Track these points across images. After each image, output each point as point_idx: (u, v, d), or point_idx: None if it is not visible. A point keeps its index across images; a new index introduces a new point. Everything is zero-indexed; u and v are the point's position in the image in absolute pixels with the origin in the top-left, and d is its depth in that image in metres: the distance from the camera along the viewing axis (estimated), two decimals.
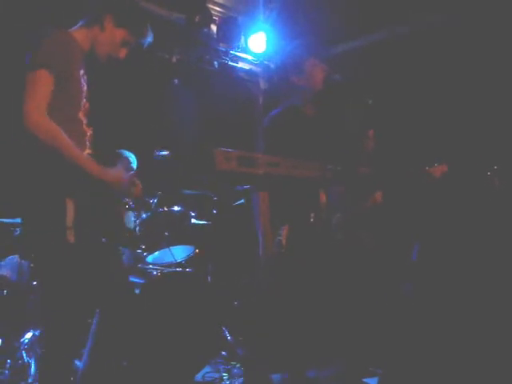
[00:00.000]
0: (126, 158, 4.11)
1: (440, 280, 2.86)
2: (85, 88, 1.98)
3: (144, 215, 3.60)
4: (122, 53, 2.09)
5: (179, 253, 3.60)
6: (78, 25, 2.05)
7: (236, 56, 4.79)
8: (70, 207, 1.77)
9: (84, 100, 1.98)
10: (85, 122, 1.97)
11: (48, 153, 1.77)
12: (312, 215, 2.52)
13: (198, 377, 3.13)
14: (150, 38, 2.14)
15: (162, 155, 3.00)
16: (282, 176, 2.05)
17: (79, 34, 2.00)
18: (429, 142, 3.71)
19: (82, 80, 1.97)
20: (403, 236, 3.17)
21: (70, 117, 1.90)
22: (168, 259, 3.51)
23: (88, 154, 1.97)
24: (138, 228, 3.59)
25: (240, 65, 4.91)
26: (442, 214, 3.16)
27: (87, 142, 1.98)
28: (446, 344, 2.59)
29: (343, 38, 4.70)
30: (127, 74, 3.61)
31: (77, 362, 2.73)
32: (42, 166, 1.81)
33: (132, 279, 3.18)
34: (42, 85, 1.78)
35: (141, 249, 3.57)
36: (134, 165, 4.17)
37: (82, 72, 1.97)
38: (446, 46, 3.89)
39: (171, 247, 3.51)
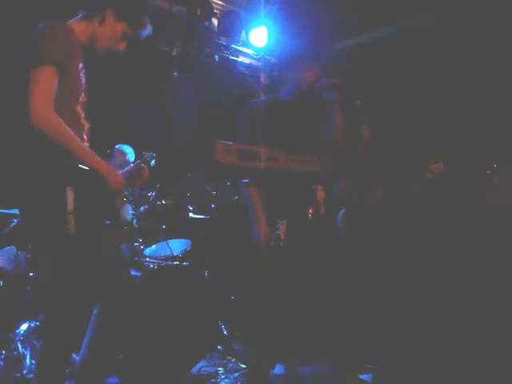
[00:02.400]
0: (124, 154, 4.12)
1: (437, 278, 2.87)
2: (83, 81, 1.97)
3: (142, 208, 3.60)
4: (122, 46, 2.08)
5: (176, 246, 3.60)
6: (77, 17, 2.04)
7: (237, 50, 4.78)
8: (70, 195, 1.76)
9: (82, 94, 1.97)
10: (83, 115, 1.97)
11: (48, 143, 1.76)
12: (310, 210, 2.52)
13: (194, 371, 3.12)
14: (148, 31, 2.13)
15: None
16: (281, 170, 2.04)
17: (78, 26, 1.99)
18: (428, 141, 3.71)
19: (81, 73, 1.96)
20: (403, 233, 3.17)
21: (69, 110, 1.89)
22: (165, 253, 3.50)
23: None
24: (135, 221, 3.58)
25: (241, 59, 4.90)
26: (441, 212, 3.16)
27: (84, 136, 1.98)
28: (440, 341, 2.60)
29: (345, 33, 4.68)
30: (127, 66, 3.59)
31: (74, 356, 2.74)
32: (41, 156, 1.80)
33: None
34: (48, 81, 1.78)
35: (138, 242, 3.56)
36: (132, 159, 4.16)
37: (80, 65, 1.95)
38: (444, 45, 3.89)
39: (168, 241, 3.50)
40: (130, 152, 4.17)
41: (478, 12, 3.71)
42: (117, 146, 4.14)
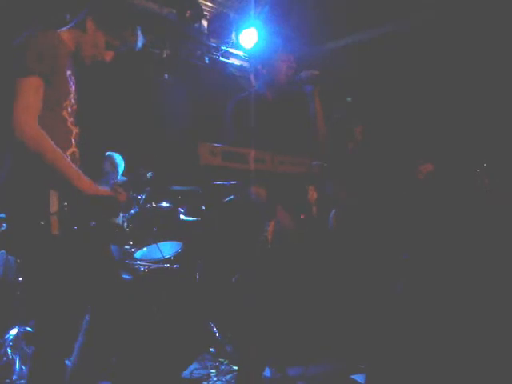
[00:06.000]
0: (114, 163, 4.09)
1: (430, 277, 2.87)
2: (72, 89, 1.97)
3: (132, 211, 3.59)
4: (108, 56, 2.06)
5: (167, 249, 3.58)
6: (67, 26, 2.04)
7: (227, 52, 4.77)
8: (54, 197, 1.75)
9: (72, 101, 1.96)
10: (70, 120, 1.96)
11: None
12: (302, 212, 2.52)
13: (186, 373, 3.11)
14: (139, 42, 2.10)
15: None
16: (269, 172, 2.03)
17: (66, 34, 2.00)
18: (418, 140, 3.72)
19: (70, 80, 1.95)
20: (394, 233, 3.17)
21: (53, 115, 1.88)
22: (156, 255, 3.49)
23: (73, 152, 1.96)
24: (126, 224, 3.57)
25: (231, 60, 4.90)
26: (432, 212, 3.17)
27: (73, 141, 1.97)
28: (434, 341, 2.60)
29: (336, 33, 4.69)
30: (117, 68, 3.58)
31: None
32: (26, 161, 1.79)
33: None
34: (33, 91, 1.78)
35: (129, 245, 3.55)
36: (121, 168, 4.14)
37: (69, 72, 1.95)
38: (433, 45, 3.90)
39: (159, 243, 3.49)
40: (120, 162, 4.13)
41: (472, 11, 3.72)
42: (107, 154, 4.10)
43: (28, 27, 1.89)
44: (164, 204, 3.67)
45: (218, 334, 3.45)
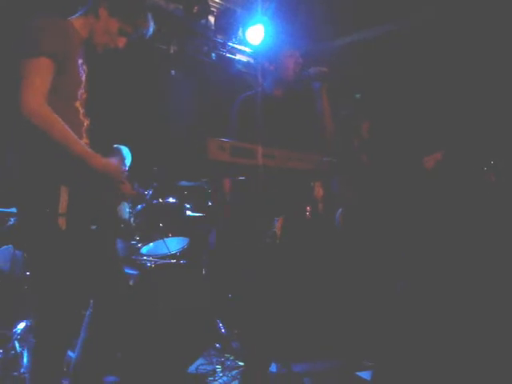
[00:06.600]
0: (121, 155, 4.09)
1: (433, 276, 2.86)
2: (83, 78, 1.96)
3: (139, 207, 3.59)
4: (121, 42, 2.05)
5: (174, 244, 3.59)
6: (77, 13, 2.03)
7: (234, 48, 4.76)
8: (64, 194, 1.75)
9: (82, 90, 1.96)
10: (82, 111, 1.96)
11: (43, 140, 1.75)
12: (308, 208, 2.52)
13: (192, 369, 3.12)
14: (151, 29, 2.10)
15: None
16: (277, 167, 2.03)
17: (77, 22, 1.99)
18: (426, 137, 3.70)
19: (81, 69, 1.95)
20: (401, 231, 3.17)
21: (67, 106, 1.88)
22: (162, 251, 3.50)
23: (84, 143, 1.95)
24: (132, 219, 3.58)
25: (238, 57, 4.89)
26: (438, 209, 3.16)
27: (84, 133, 1.97)
28: (440, 338, 2.59)
29: (343, 30, 4.68)
30: (125, 64, 3.58)
31: (69, 353, 2.73)
32: (37, 154, 1.79)
33: (126, 270, 3.17)
34: (43, 72, 1.76)
35: (135, 240, 3.56)
36: (128, 161, 4.13)
37: (80, 61, 1.94)
38: (441, 40, 3.88)
39: (165, 239, 3.49)
40: (127, 155, 4.12)
41: (474, 7, 3.71)
42: (114, 146, 4.10)
43: (38, 14, 1.88)
44: (171, 200, 3.67)
45: (223, 330, 3.46)
